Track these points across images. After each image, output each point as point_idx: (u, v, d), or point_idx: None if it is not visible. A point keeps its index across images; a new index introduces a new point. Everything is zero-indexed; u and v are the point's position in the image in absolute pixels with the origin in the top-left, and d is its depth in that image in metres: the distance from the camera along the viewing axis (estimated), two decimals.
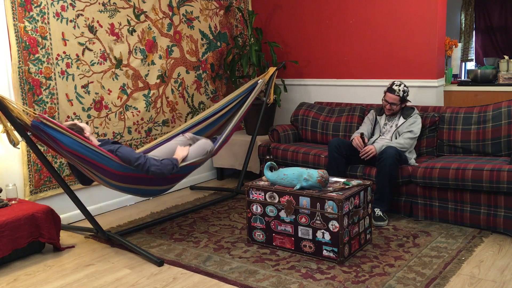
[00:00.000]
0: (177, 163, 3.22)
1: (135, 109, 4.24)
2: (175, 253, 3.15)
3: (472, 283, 2.63)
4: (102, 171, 3.01)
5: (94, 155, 2.93)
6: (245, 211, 3.27)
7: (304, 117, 4.63)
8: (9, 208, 3.17)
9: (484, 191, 3.32)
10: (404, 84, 3.84)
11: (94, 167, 2.99)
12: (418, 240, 3.24)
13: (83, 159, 2.94)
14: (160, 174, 3.12)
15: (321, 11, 4.90)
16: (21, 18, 3.41)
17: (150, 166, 3.05)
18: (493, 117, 3.74)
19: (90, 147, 2.92)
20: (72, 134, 2.88)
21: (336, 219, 2.86)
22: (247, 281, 2.72)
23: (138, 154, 3.07)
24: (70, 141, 2.87)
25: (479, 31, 8.07)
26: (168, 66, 4.50)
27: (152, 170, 3.06)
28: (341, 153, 3.78)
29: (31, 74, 3.49)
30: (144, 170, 3.05)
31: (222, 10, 5.05)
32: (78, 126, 3.06)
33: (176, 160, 3.24)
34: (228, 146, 4.86)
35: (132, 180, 3.15)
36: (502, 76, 4.35)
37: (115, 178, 3.08)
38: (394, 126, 3.89)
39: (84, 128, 3.07)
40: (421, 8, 4.29)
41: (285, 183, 3.07)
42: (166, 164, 3.15)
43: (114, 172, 3.02)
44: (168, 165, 3.15)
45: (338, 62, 4.89)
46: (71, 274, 2.93)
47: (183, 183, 4.71)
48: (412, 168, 3.61)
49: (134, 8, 4.15)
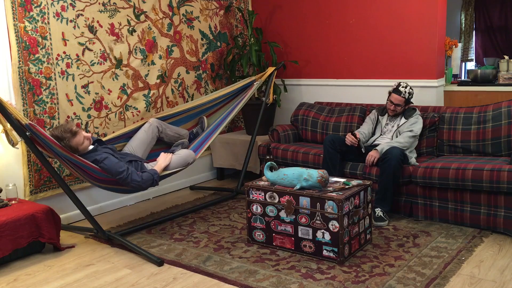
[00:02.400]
0: (157, 178, 3.35)
1: (135, 109, 4.23)
2: (175, 253, 3.15)
3: (472, 283, 2.63)
4: (87, 175, 3.18)
5: (78, 163, 3.09)
6: (245, 211, 3.27)
7: (304, 117, 4.63)
8: (9, 208, 3.17)
9: (484, 191, 3.32)
10: (410, 86, 3.85)
11: (80, 170, 3.15)
12: (418, 240, 3.24)
13: (69, 163, 3.10)
14: (139, 189, 3.31)
15: (321, 11, 4.90)
16: (21, 18, 3.41)
17: (131, 181, 3.19)
18: (493, 117, 3.74)
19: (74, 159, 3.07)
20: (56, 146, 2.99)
21: (336, 219, 2.86)
22: (247, 281, 2.72)
23: (122, 168, 3.17)
24: (57, 150, 3.02)
25: (479, 31, 8.07)
26: (168, 66, 4.50)
27: (132, 185, 3.22)
28: (335, 148, 3.80)
29: (31, 74, 3.49)
30: (125, 183, 3.20)
31: (222, 10, 5.05)
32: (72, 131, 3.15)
33: (157, 175, 3.35)
34: (228, 146, 4.87)
35: (113, 183, 3.27)
36: (502, 76, 4.35)
37: (98, 181, 3.24)
38: (395, 126, 3.89)
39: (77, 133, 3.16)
40: (421, 8, 4.29)
41: (285, 183, 3.07)
42: (146, 179, 3.27)
43: (97, 177, 3.19)
44: (148, 180, 3.28)
45: (338, 62, 4.89)
46: (71, 274, 2.93)
47: (183, 183, 4.73)
48: (412, 168, 3.61)
49: (134, 8, 4.15)
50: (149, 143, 3.75)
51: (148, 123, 3.79)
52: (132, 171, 3.21)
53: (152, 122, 3.79)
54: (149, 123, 3.78)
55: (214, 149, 4.97)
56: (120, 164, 3.18)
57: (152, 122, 3.79)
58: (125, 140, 3.76)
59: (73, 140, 3.13)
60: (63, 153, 3.02)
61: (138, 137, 3.73)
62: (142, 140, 3.71)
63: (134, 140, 3.72)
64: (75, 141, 3.14)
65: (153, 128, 3.76)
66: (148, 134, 3.73)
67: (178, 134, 3.93)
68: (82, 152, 3.19)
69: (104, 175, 3.16)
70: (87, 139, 3.24)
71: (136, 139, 3.72)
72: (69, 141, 3.11)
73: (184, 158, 3.61)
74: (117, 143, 3.71)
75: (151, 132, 3.75)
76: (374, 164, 3.69)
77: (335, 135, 4.04)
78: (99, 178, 3.18)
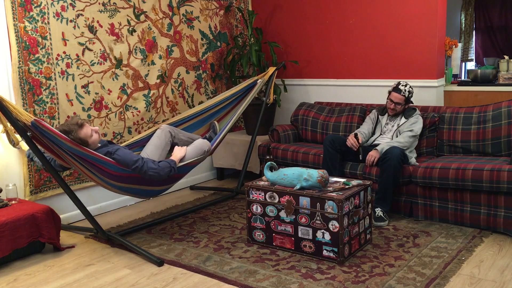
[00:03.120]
0: (175, 165, 3.24)
1: (135, 109, 4.24)
2: (175, 253, 3.15)
3: (472, 283, 2.63)
4: (101, 171, 3.05)
5: (91, 158, 2.98)
6: (245, 211, 3.27)
7: (304, 117, 4.63)
8: (9, 208, 3.17)
9: (484, 191, 3.32)
10: (410, 85, 3.86)
11: (93, 167, 3.03)
12: (418, 240, 3.24)
13: (81, 159, 2.98)
14: (158, 177, 3.15)
15: (321, 11, 4.90)
16: (21, 18, 3.41)
17: (147, 169, 3.07)
18: (493, 117, 3.74)
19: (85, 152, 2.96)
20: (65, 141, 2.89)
21: (336, 219, 2.86)
22: (247, 281, 2.72)
23: (136, 157, 3.08)
24: (67, 146, 2.90)
25: (479, 31, 8.07)
26: (168, 66, 4.50)
27: (150, 173, 3.09)
28: (335, 147, 3.81)
29: (31, 74, 3.49)
30: (142, 173, 3.07)
31: (222, 10, 5.05)
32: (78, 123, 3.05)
33: (174, 162, 3.25)
34: (228, 146, 4.86)
35: (131, 180, 3.17)
36: (502, 76, 4.35)
37: (113, 178, 3.11)
38: (395, 125, 3.90)
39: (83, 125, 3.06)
40: (421, 8, 4.29)
41: (285, 183, 3.07)
42: (164, 167, 3.16)
43: (112, 172, 3.06)
44: (166, 167, 3.16)
45: (338, 62, 4.89)
46: (71, 274, 2.93)
47: (183, 183, 4.72)
48: (413, 168, 3.61)
49: (134, 8, 4.15)
50: (163, 148, 3.63)
51: (160, 129, 3.70)
52: (147, 160, 3.12)
53: (163, 127, 3.71)
54: (161, 129, 3.70)
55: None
56: (134, 154, 3.10)
57: (164, 128, 3.71)
58: (139, 149, 3.68)
59: (80, 131, 3.02)
60: (73, 148, 2.91)
61: (152, 143, 3.63)
62: (157, 146, 3.60)
63: (148, 146, 3.62)
64: (83, 132, 3.03)
65: (165, 133, 3.67)
66: (161, 139, 3.64)
67: (191, 139, 3.83)
68: (92, 146, 3.10)
69: (119, 169, 3.04)
70: (95, 132, 3.14)
71: (150, 145, 3.62)
72: (77, 133, 3.00)
73: (200, 147, 3.53)
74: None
75: (164, 137, 3.66)
76: (374, 164, 3.69)
77: (335, 135, 4.05)
78: (115, 173, 3.06)
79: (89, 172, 3.11)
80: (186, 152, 3.44)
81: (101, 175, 3.08)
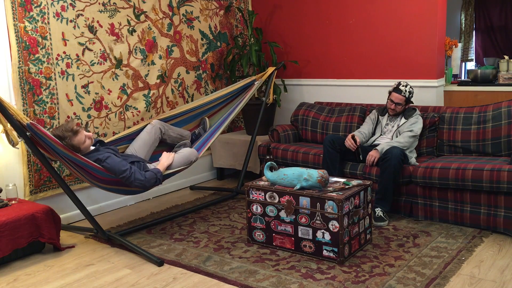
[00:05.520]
0: (161, 177, 3.32)
1: (135, 109, 4.23)
2: (175, 253, 3.15)
3: (472, 283, 2.63)
4: (90, 175, 3.16)
5: (81, 163, 3.06)
6: (245, 211, 3.27)
7: (304, 117, 4.63)
8: (9, 208, 3.17)
9: (484, 191, 3.32)
10: (410, 85, 3.86)
11: (83, 171, 3.13)
12: (418, 240, 3.24)
13: (72, 162, 3.07)
14: (143, 188, 3.26)
15: (321, 11, 4.90)
16: (21, 18, 3.41)
17: (134, 180, 3.16)
18: (493, 117, 3.74)
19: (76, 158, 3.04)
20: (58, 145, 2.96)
21: (336, 219, 2.86)
22: (247, 281, 2.72)
23: (125, 166, 3.15)
24: (59, 150, 2.98)
25: (479, 31, 8.07)
26: (168, 66, 4.50)
27: (136, 184, 3.18)
28: (335, 147, 3.81)
29: (31, 74, 3.49)
30: (128, 182, 3.16)
31: (222, 10, 5.05)
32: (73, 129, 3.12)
33: (160, 174, 3.32)
34: (228, 146, 4.87)
35: (116, 183, 3.24)
36: (502, 76, 4.35)
37: (102, 182, 3.22)
38: (395, 126, 3.90)
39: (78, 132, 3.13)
40: (421, 8, 4.29)
41: (285, 183, 3.07)
42: (150, 178, 3.24)
43: (100, 177, 3.16)
44: (152, 179, 3.25)
45: (338, 62, 4.89)
46: (71, 274, 2.93)
47: (183, 183, 4.73)
48: (413, 168, 3.61)
49: (134, 8, 4.15)
50: (151, 144, 3.72)
51: (150, 124, 3.76)
52: (135, 170, 3.19)
53: (154, 123, 3.77)
54: (151, 125, 3.75)
55: (214, 149, 4.97)
56: (123, 163, 3.16)
57: (155, 124, 3.76)
58: (127, 142, 3.73)
59: (74, 138, 3.10)
60: (65, 153, 2.99)
61: (140, 138, 3.70)
62: (145, 142, 3.69)
63: (137, 141, 3.70)
64: (76, 139, 3.11)
65: (155, 129, 3.74)
66: (150, 135, 3.71)
67: (180, 135, 3.91)
68: (84, 151, 3.17)
69: (107, 174, 3.14)
70: (89, 138, 3.21)
71: (139, 141, 3.70)
72: (70, 139, 3.08)
73: (187, 157, 3.58)
74: (119, 145, 3.68)
75: (154, 133, 3.72)
76: (374, 164, 3.69)
77: (335, 135, 4.05)
78: (102, 178, 3.16)
79: (79, 174, 3.20)
80: (173, 161, 3.49)
81: (90, 178, 3.19)
